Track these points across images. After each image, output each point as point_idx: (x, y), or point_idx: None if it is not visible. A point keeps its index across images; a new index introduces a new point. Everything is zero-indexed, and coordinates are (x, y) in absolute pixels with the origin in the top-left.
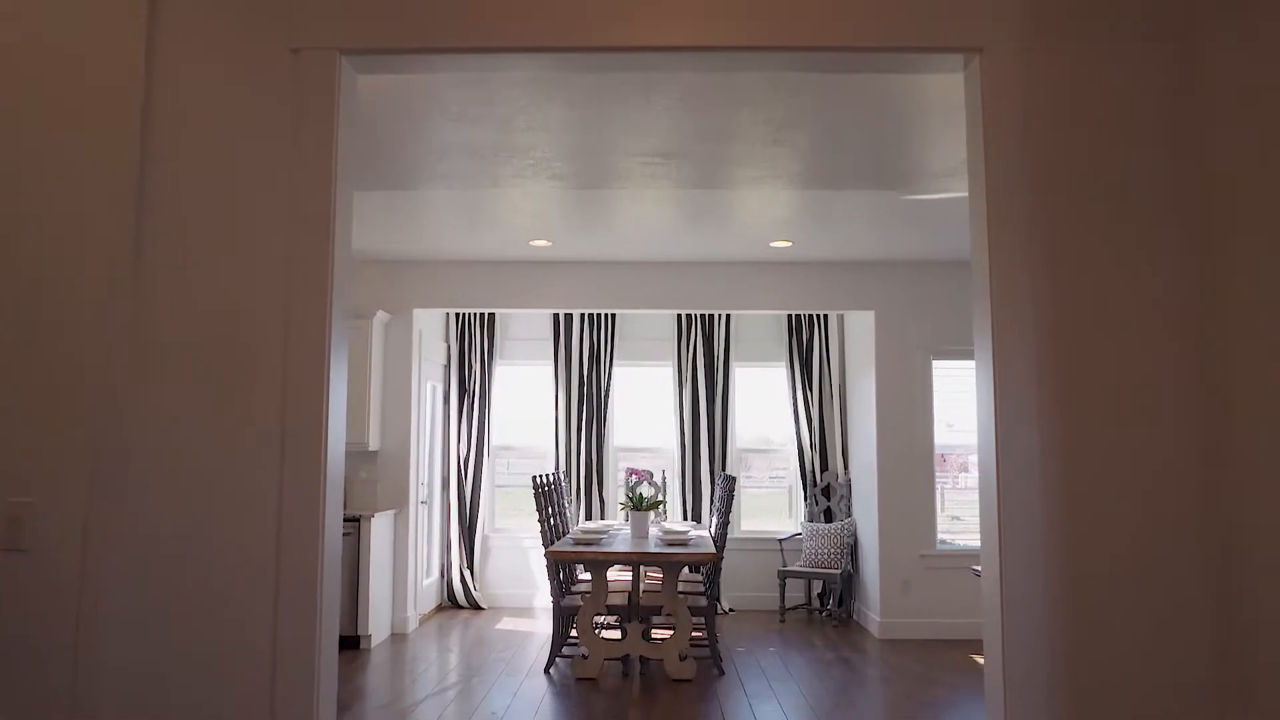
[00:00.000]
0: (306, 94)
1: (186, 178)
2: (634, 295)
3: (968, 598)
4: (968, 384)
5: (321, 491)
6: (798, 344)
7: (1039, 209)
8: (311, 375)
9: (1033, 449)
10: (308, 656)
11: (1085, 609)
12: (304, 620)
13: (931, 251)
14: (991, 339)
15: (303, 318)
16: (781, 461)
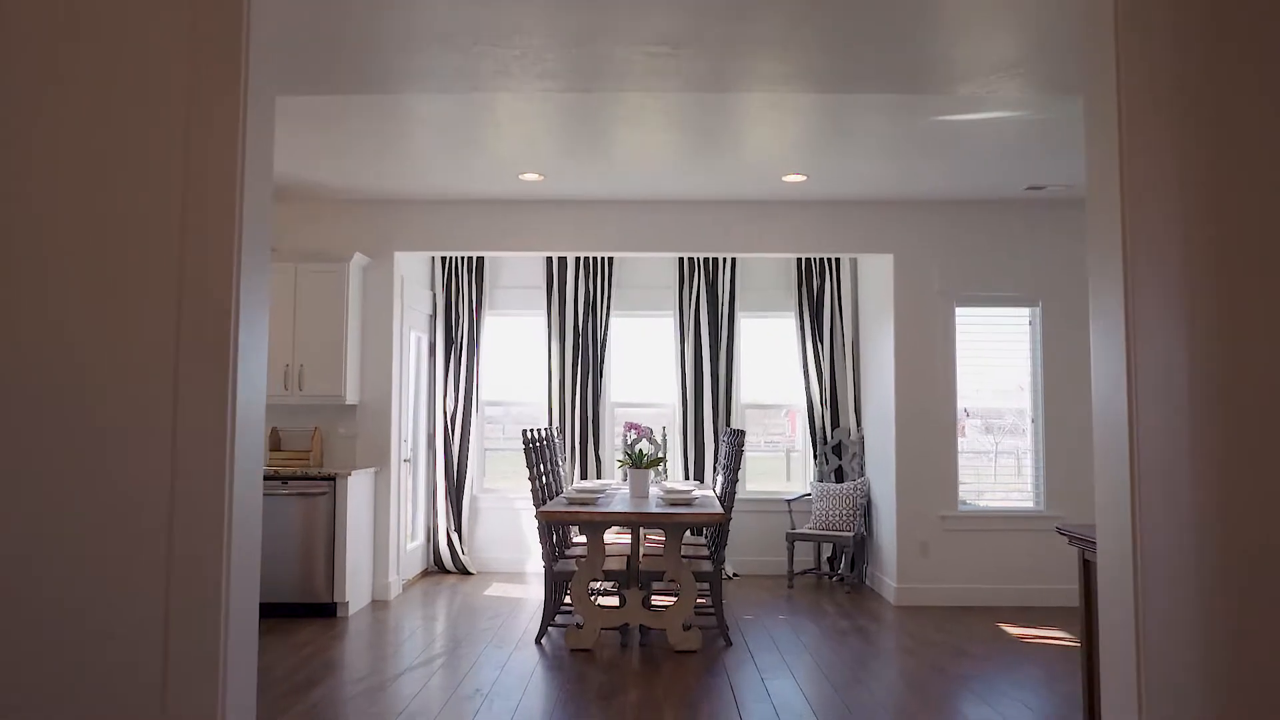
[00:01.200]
0: None
1: (60, 63)
2: (633, 237)
3: (991, 562)
4: (995, 333)
5: (227, 449)
6: (808, 292)
7: (1184, 131)
8: (213, 320)
9: (1176, 415)
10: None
11: (1245, 595)
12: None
13: (957, 189)
14: (1124, 287)
15: (203, 248)
16: (790, 418)
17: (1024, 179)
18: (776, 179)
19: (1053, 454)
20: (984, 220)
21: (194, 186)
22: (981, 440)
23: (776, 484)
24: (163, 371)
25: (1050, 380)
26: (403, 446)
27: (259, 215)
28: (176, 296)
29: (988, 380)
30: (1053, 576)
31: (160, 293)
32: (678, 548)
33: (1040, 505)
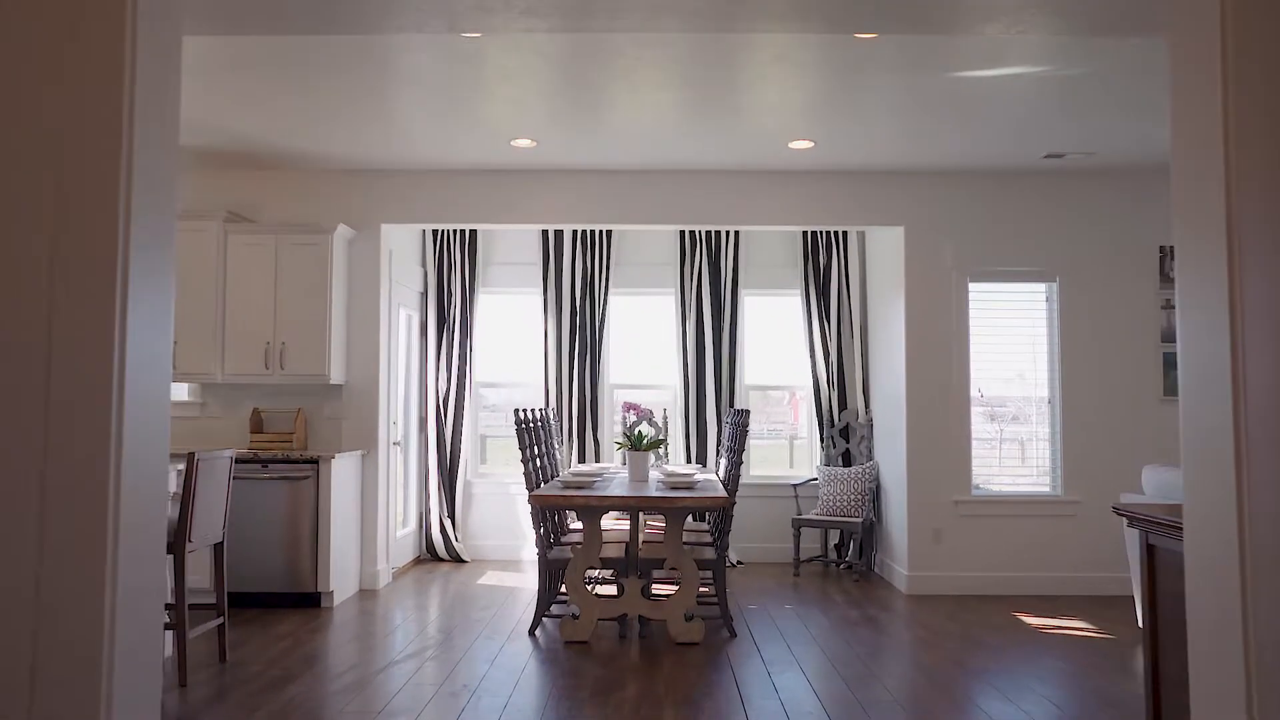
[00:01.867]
0: None
1: None
2: (632, 209)
3: (1006, 549)
4: (1010, 310)
5: (112, 428)
6: (814, 269)
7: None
8: (92, 287)
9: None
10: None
11: None
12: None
13: (970, 157)
14: (1228, 257)
15: (79, 212)
16: (793, 404)
17: (1042, 145)
18: (782, 145)
19: (1070, 435)
20: (999, 191)
21: (71, 134)
22: (992, 423)
23: (779, 470)
24: (35, 345)
25: (1068, 359)
26: (392, 429)
27: (156, 171)
28: (47, 266)
29: (1002, 359)
30: (1071, 564)
31: (29, 262)
32: (679, 534)
33: (1056, 489)
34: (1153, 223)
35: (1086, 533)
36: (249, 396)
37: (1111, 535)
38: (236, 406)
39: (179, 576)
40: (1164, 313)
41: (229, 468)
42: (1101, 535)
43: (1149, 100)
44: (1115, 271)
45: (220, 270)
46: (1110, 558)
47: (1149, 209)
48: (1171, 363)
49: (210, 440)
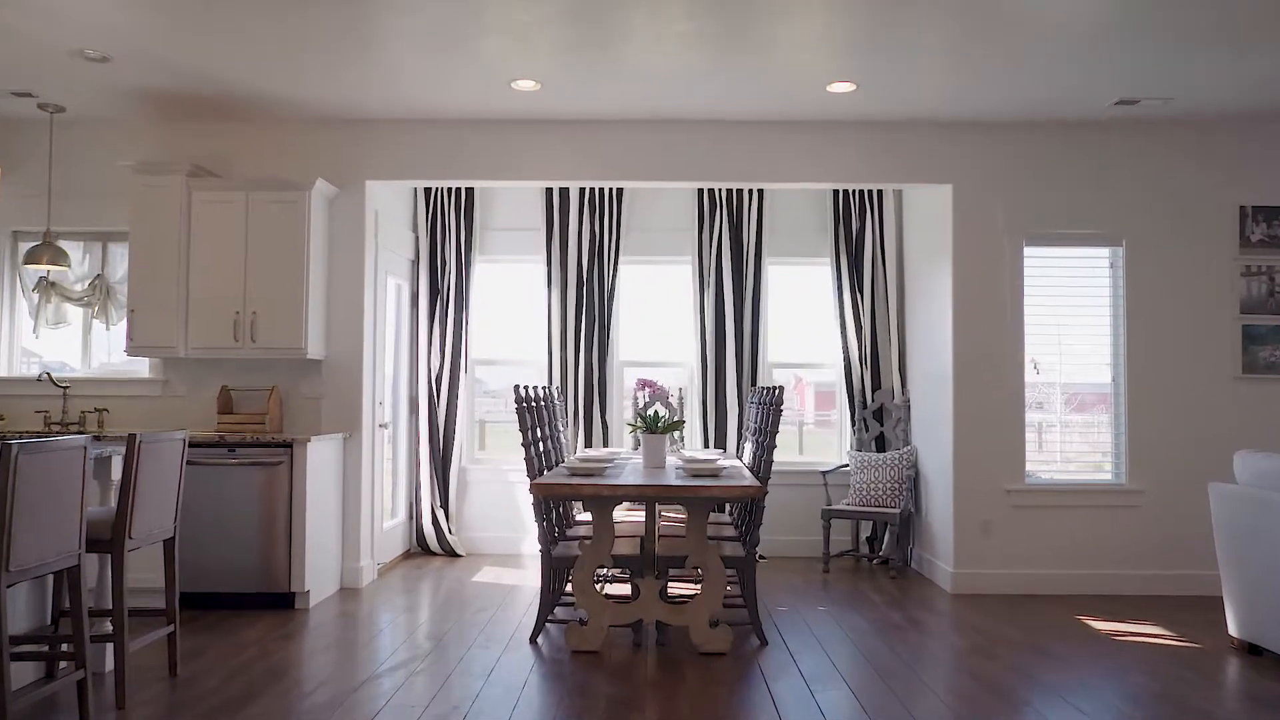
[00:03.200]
0: None
1: None
2: (645, 164)
3: (1065, 543)
4: (1070, 277)
5: None
6: (845, 234)
7: None
8: None
9: None
10: None
11: None
12: None
13: (1029, 105)
14: None
15: None
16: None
17: (1112, 90)
18: (820, 88)
19: (1136, 417)
20: (1060, 144)
21: None
22: (1048, 404)
23: (804, 455)
24: None
25: (1134, 331)
26: (378, 410)
27: None
28: None
29: (1061, 332)
30: (1136, 560)
31: None
32: (703, 527)
33: (1121, 477)
34: (1233, 179)
35: (1153, 526)
36: (217, 373)
37: (1181, 529)
38: (202, 384)
39: (117, 578)
40: (1245, 280)
41: (180, 451)
42: (1170, 529)
43: (1238, 30)
44: (1189, 234)
45: (184, 231)
46: (1180, 554)
47: (1229, 164)
48: (1253, 336)
49: (173, 422)
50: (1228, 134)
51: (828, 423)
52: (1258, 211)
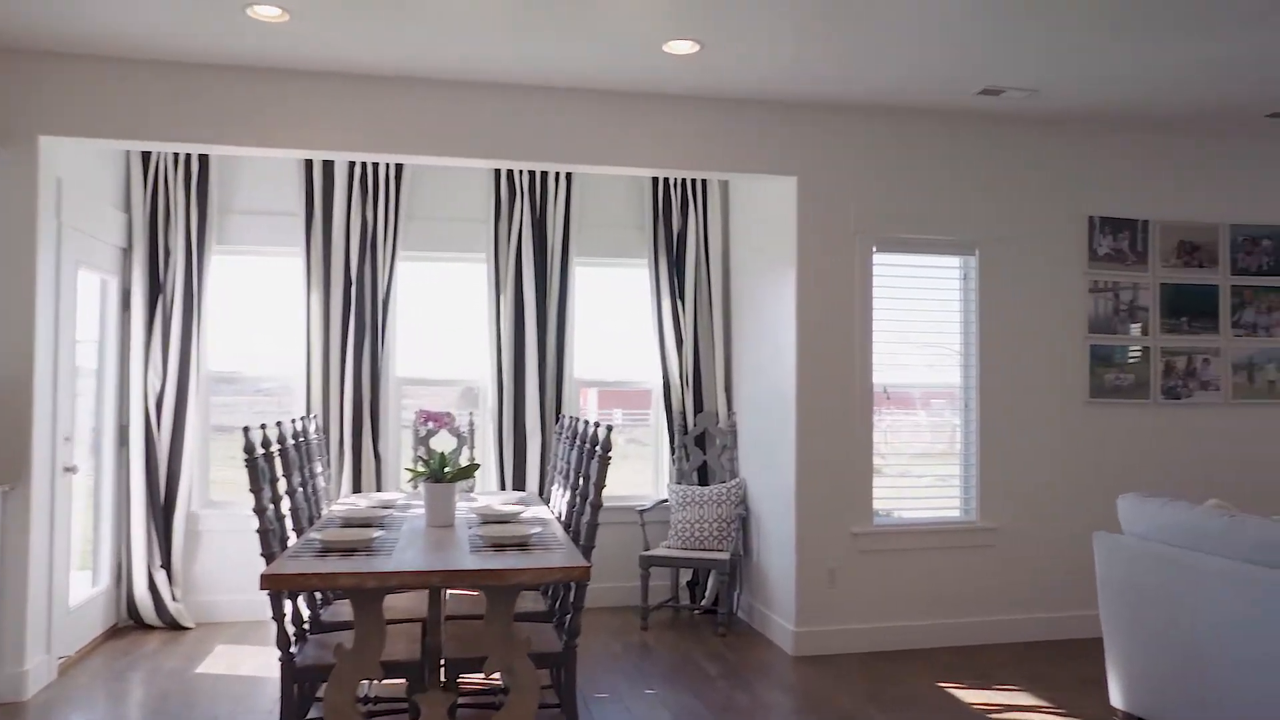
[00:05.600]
0: None
1: None
2: (432, 136)
3: (920, 591)
4: (921, 288)
5: None
6: (666, 232)
7: None
8: None
9: None
10: None
11: None
12: None
13: (888, 87)
14: None
15: None
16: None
17: (977, 77)
18: (656, 46)
19: (987, 447)
20: (918, 135)
21: None
22: (899, 429)
23: (619, 489)
24: None
25: (986, 352)
26: (63, 449)
27: None
28: None
29: (912, 351)
30: (996, 605)
31: None
32: (507, 620)
33: (970, 514)
34: (1084, 187)
35: (1007, 566)
36: None
37: (1037, 568)
38: None
39: None
40: (1092, 297)
41: None
42: (1025, 569)
43: (1106, 22)
44: (1042, 245)
45: None
46: (1038, 596)
47: (1081, 170)
48: (1100, 357)
49: None
50: (1082, 137)
51: (639, 443)
52: (1105, 223)
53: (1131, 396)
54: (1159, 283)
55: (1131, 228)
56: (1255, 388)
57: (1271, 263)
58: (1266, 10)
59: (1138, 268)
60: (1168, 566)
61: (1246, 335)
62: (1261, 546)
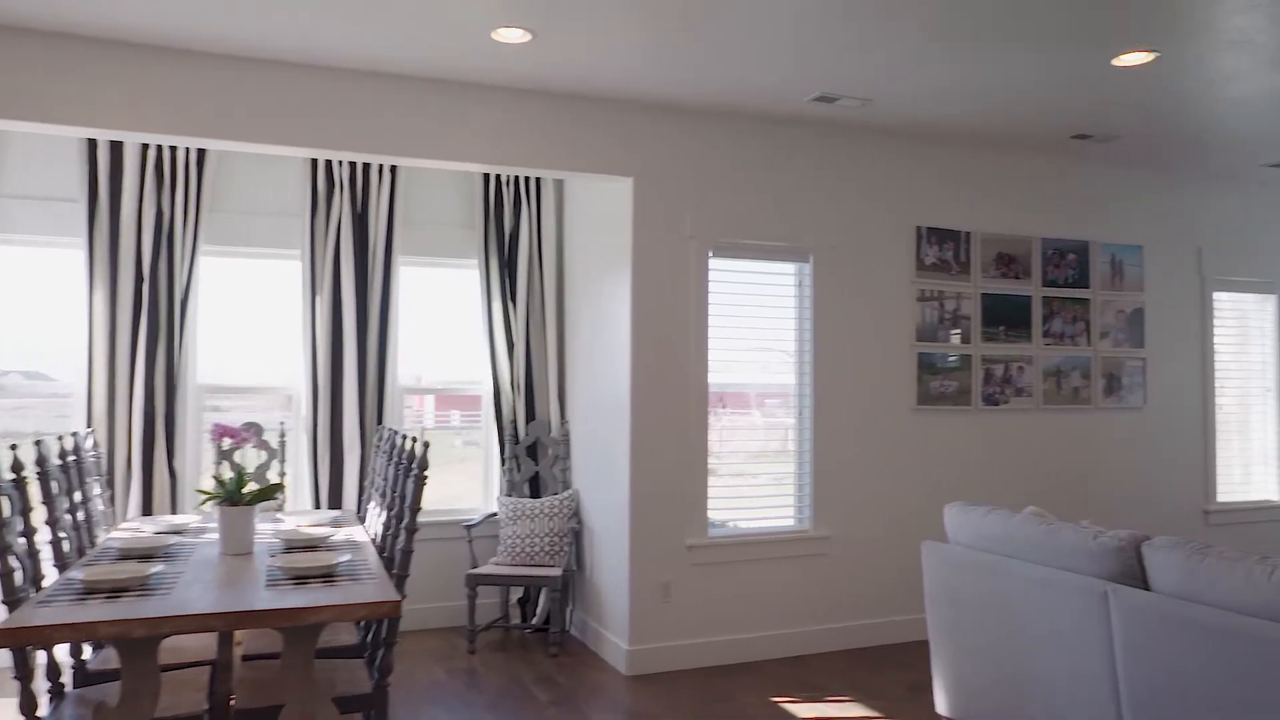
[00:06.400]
0: None
1: None
2: (237, 119)
3: (753, 603)
4: (756, 295)
5: None
6: (497, 232)
7: None
8: None
9: None
10: None
11: None
12: None
13: (724, 91)
14: None
15: None
16: (467, 408)
17: (813, 83)
18: (484, 34)
19: (822, 456)
20: (754, 139)
21: None
22: (735, 435)
23: (445, 503)
24: None
25: (821, 359)
26: None
27: None
28: None
29: (748, 358)
30: (828, 613)
31: None
32: (307, 663)
33: (804, 522)
34: (913, 197)
35: (840, 574)
36: None
37: (868, 575)
38: None
39: None
40: (920, 305)
41: None
42: (857, 576)
43: (937, 35)
44: (874, 253)
45: None
46: (869, 603)
47: (910, 180)
48: (927, 365)
49: None
50: (912, 149)
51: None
52: (932, 233)
53: (955, 403)
54: (980, 292)
55: (955, 238)
56: (1062, 394)
57: (1075, 275)
58: (1070, 34)
59: (961, 277)
60: (989, 574)
61: (1054, 344)
62: (1073, 553)
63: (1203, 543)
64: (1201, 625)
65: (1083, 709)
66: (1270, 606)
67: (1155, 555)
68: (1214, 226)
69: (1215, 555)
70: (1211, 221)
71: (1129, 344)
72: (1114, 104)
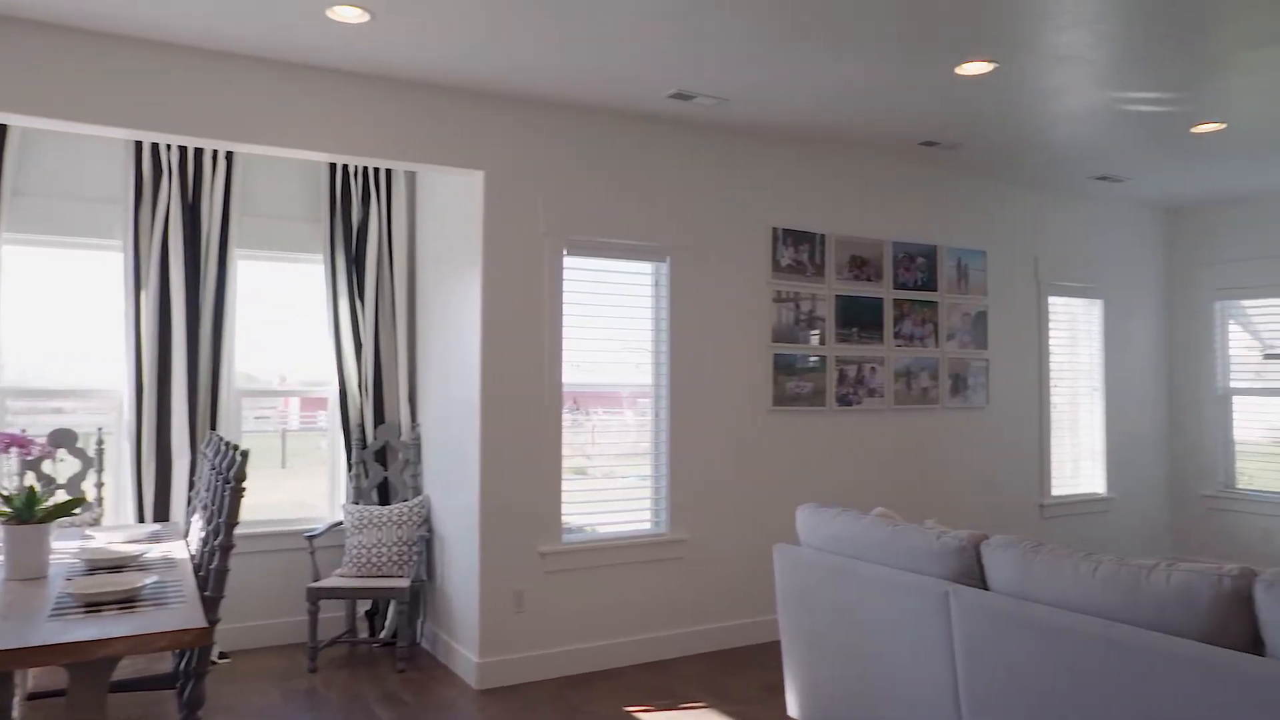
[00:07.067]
0: None
1: None
2: (43, 94)
3: (609, 609)
4: (613, 295)
5: None
6: (345, 225)
7: None
8: None
9: None
10: None
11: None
12: None
13: (579, 85)
14: None
15: None
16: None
17: (669, 80)
18: (317, 12)
19: (678, 457)
20: (610, 136)
21: None
22: (590, 437)
23: (281, 510)
24: None
25: (677, 360)
26: None
27: None
28: None
29: (605, 358)
30: (685, 617)
31: None
32: (98, 702)
33: (661, 525)
34: (770, 199)
35: (696, 577)
36: None
37: (724, 578)
38: None
39: None
40: (776, 306)
41: None
42: (713, 579)
43: (792, 35)
44: (731, 253)
45: None
46: (724, 605)
47: (766, 182)
48: (783, 366)
49: None
50: (768, 150)
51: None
52: (788, 235)
53: (810, 404)
54: (834, 294)
55: (811, 240)
56: (912, 394)
57: (924, 278)
58: (916, 41)
59: (816, 279)
60: (838, 576)
61: (905, 345)
62: (917, 554)
63: (1036, 541)
64: (1033, 622)
65: (924, 709)
66: (1095, 602)
67: (992, 555)
68: (1049, 234)
69: (1046, 553)
70: (1047, 229)
71: (973, 346)
72: (958, 113)
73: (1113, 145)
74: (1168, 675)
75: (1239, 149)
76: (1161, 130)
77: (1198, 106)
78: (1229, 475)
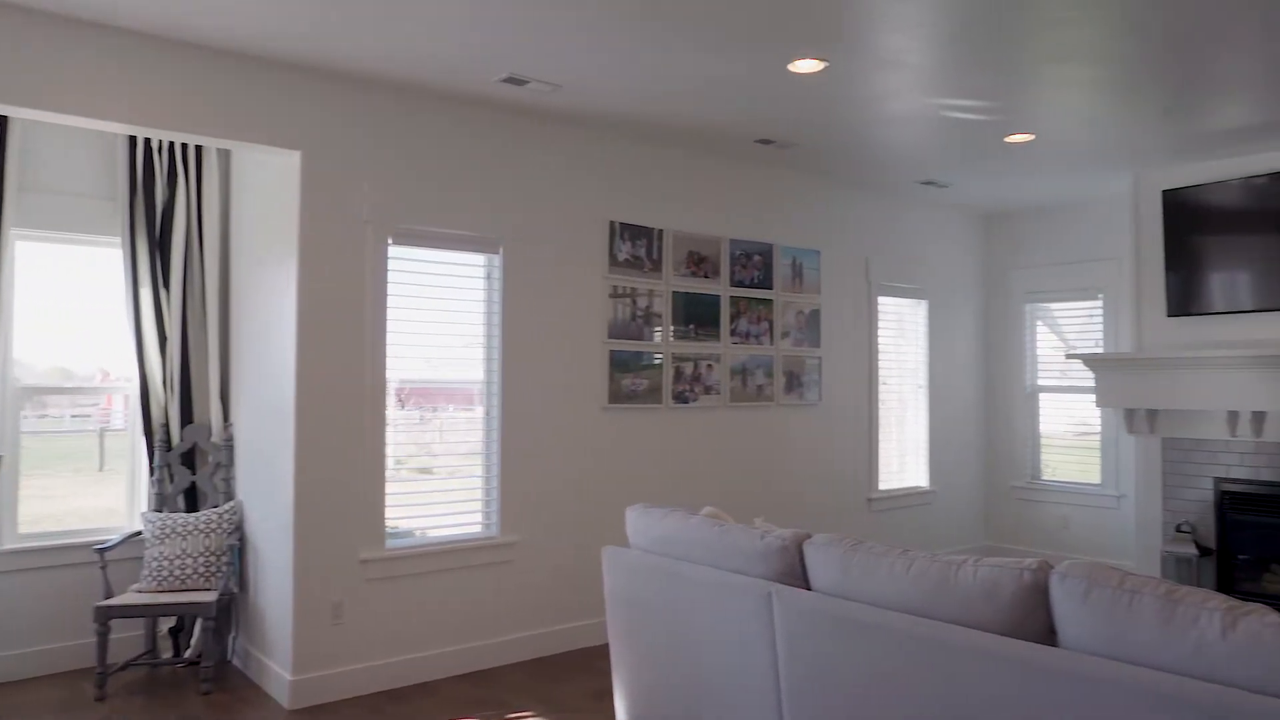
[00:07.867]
0: None
1: None
2: None
3: (433, 618)
4: (442, 287)
5: None
6: (147, 205)
7: None
8: None
9: None
10: None
11: None
12: None
13: (407, 64)
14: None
15: None
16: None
17: (501, 63)
18: None
19: (510, 456)
20: (440, 119)
21: None
22: (419, 436)
23: (69, 521)
24: None
25: (510, 355)
26: None
27: None
28: None
29: (434, 352)
30: (515, 623)
31: None
32: None
33: (492, 528)
34: (610, 191)
35: (526, 582)
36: None
37: (555, 582)
38: None
39: None
40: (613, 302)
41: None
42: (543, 583)
43: (631, 22)
44: (567, 246)
45: None
46: (554, 610)
47: (604, 174)
48: (619, 363)
49: None
50: (605, 141)
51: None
52: (625, 229)
53: (646, 402)
54: (672, 291)
55: (649, 235)
56: (747, 391)
57: (760, 276)
58: (749, 35)
59: (654, 275)
60: (665, 578)
61: (741, 343)
62: (742, 555)
63: (855, 540)
64: (849, 621)
65: (749, 711)
66: (909, 598)
67: (814, 554)
68: (880, 235)
69: (864, 551)
70: (877, 230)
71: (807, 344)
72: (792, 111)
73: (935, 151)
74: (970, 668)
75: (1045, 160)
76: (978, 138)
77: (1009, 117)
78: (1035, 467)
